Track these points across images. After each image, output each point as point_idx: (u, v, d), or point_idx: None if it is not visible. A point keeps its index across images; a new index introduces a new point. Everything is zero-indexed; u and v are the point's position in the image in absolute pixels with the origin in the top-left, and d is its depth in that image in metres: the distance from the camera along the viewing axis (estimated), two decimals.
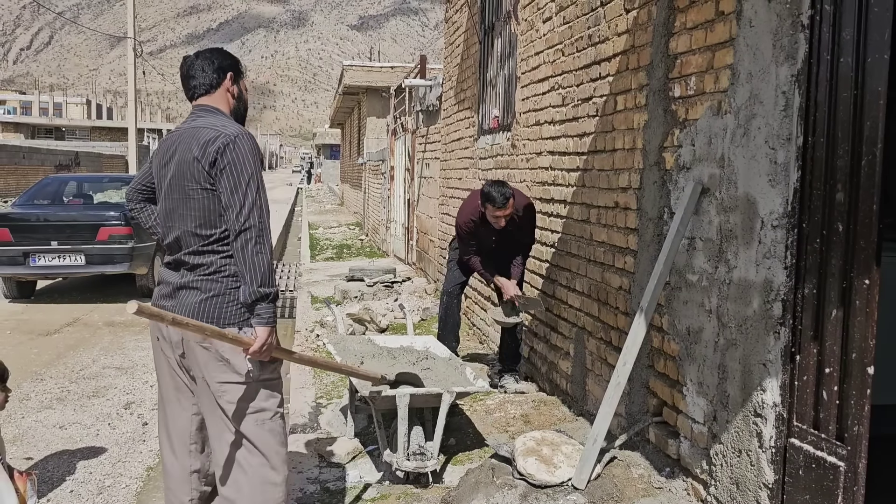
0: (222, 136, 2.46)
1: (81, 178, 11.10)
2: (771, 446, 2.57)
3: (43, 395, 5.45)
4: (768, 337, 2.58)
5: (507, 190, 4.69)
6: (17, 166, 28.12)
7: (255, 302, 2.42)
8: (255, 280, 2.40)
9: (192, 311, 2.47)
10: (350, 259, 13.34)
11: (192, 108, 2.69)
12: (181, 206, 2.53)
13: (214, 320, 2.46)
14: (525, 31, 5.44)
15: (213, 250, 2.50)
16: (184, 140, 2.54)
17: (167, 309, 2.53)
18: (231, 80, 2.69)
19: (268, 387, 2.56)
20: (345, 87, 18.49)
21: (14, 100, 67.21)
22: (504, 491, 3.08)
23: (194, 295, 2.49)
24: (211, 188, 2.47)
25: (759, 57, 2.63)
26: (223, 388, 2.50)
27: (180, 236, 2.55)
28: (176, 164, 2.54)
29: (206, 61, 2.65)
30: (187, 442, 2.71)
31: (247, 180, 2.43)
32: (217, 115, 2.60)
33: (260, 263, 2.41)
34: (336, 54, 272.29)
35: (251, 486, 2.52)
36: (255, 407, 2.53)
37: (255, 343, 2.43)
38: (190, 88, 2.66)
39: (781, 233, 2.52)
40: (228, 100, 2.69)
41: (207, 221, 2.49)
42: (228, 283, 2.49)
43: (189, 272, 2.53)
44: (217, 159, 2.43)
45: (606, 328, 3.97)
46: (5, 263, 8.56)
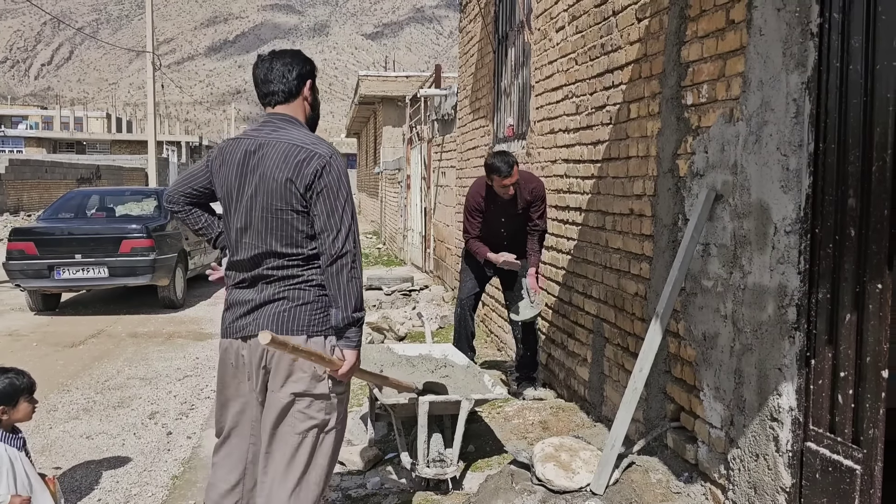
0: (317, 156, 2.41)
1: (104, 192, 11.29)
2: (788, 450, 2.59)
3: (70, 405, 5.56)
4: (783, 341, 2.60)
5: (511, 158, 4.79)
6: (39, 180, 28.59)
7: (347, 326, 2.43)
8: (350, 306, 2.40)
9: (283, 320, 2.44)
10: (368, 268, 13.42)
11: (265, 114, 2.61)
12: (263, 224, 2.46)
13: (306, 327, 2.45)
14: (538, 40, 5.50)
15: (298, 265, 2.47)
16: (269, 155, 2.45)
17: (248, 324, 2.50)
18: (309, 87, 2.61)
19: (336, 401, 2.56)
20: (360, 96, 18.64)
21: (36, 115, 68.27)
22: (523, 496, 3.11)
23: (283, 304, 2.46)
24: (303, 210, 2.42)
25: (770, 65, 2.66)
26: (298, 399, 2.48)
27: (261, 254, 2.48)
28: (261, 180, 2.45)
29: (286, 66, 2.55)
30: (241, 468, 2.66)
31: (343, 204, 2.41)
32: (300, 128, 2.54)
33: (354, 289, 2.41)
34: (351, 64, 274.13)
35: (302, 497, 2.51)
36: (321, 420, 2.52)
37: (344, 366, 2.45)
38: (267, 95, 2.56)
39: (794, 238, 2.55)
40: (305, 108, 2.61)
41: (294, 241, 2.45)
42: (316, 291, 2.47)
43: (275, 285, 2.48)
44: (314, 182, 2.39)
45: (623, 334, 4.00)
46: (31, 277, 8.72)
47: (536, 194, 4.93)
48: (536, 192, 4.93)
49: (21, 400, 2.98)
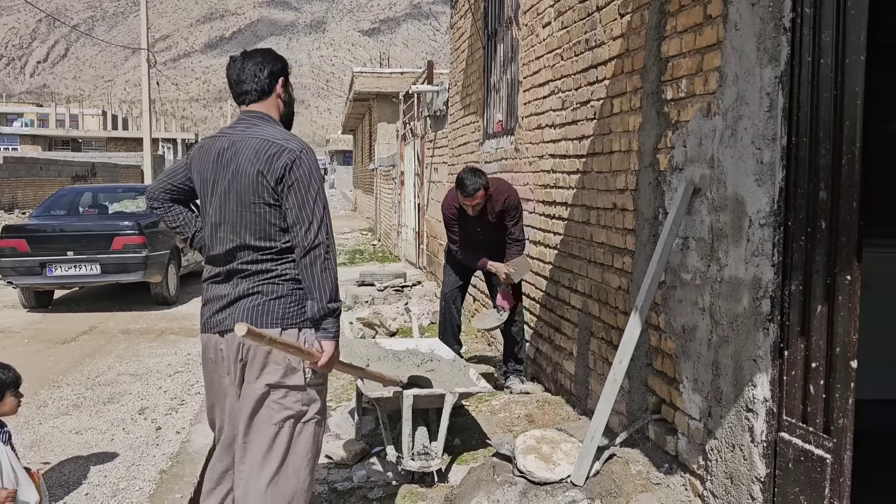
0: (287, 150, 2.45)
1: (96, 189, 11.28)
2: (762, 440, 2.62)
3: (59, 401, 5.58)
4: (758, 333, 2.63)
5: (480, 181, 4.76)
6: (34, 178, 28.56)
7: (323, 317, 2.46)
8: (325, 297, 2.44)
9: (258, 313, 2.48)
10: (362, 264, 13.45)
11: (240, 112, 2.65)
12: (237, 218, 2.51)
13: (279, 320, 2.48)
14: (526, 36, 5.52)
15: (272, 258, 2.51)
16: (242, 151, 2.50)
17: (224, 319, 2.54)
18: (282, 84, 2.65)
19: (315, 392, 2.59)
20: (355, 93, 18.64)
21: (31, 112, 68.06)
22: (504, 488, 3.14)
23: (258, 298, 2.49)
24: (275, 203, 2.46)
25: (745, 59, 2.69)
26: (274, 391, 2.52)
27: (237, 248, 2.53)
28: (234, 176, 2.50)
29: (257, 66, 2.60)
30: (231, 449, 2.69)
31: (314, 197, 2.44)
32: (272, 124, 2.58)
33: (328, 280, 2.44)
34: (348, 60, 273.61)
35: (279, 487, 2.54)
36: (298, 410, 2.55)
37: (323, 357, 2.48)
38: (240, 94, 2.61)
39: (768, 231, 2.58)
40: (279, 105, 2.65)
41: (267, 235, 2.49)
42: (291, 285, 2.50)
43: (248, 279, 2.52)
44: (284, 175, 2.43)
45: (607, 328, 4.03)
46: (23, 274, 8.73)
47: (509, 203, 4.92)
48: (509, 201, 4.92)
49: (7, 394, 3.00)
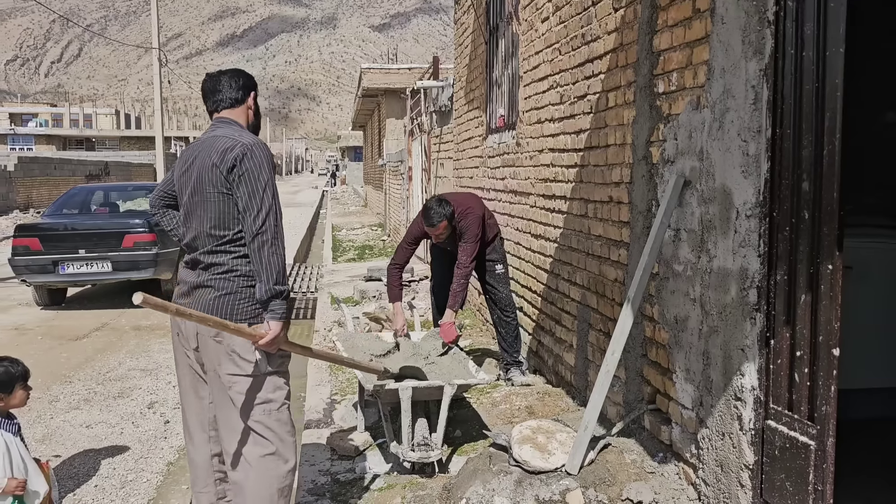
0: (239, 144, 2.66)
1: (107, 188, 11.40)
2: (750, 428, 2.66)
3: (71, 396, 5.69)
4: (745, 323, 2.67)
5: (443, 211, 4.79)
6: (49, 177, 28.85)
7: (270, 299, 2.60)
8: (271, 279, 2.59)
9: (207, 308, 2.66)
10: (372, 259, 13.53)
11: (213, 120, 2.89)
12: (199, 209, 2.73)
13: (227, 316, 2.64)
14: (525, 31, 5.55)
15: (226, 250, 2.69)
16: (204, 148, 2.76)
17: (186, 306, 2.71)
18: (253, 98, 2.94)
19: (275, 378, 2.73)
20: (364, 89, 18.71)
21: (46, 112, 68.70)
22: (500, 477, 3.20)
23: (209, 293, 2.69)
24: (227, 192, 2.66)
25: (731, 52, 2.72)
26: (233, 379, 2.68)
27: (197, 236, 2.76)
28: (196, 170, 2.75)
29: (232, 78, 2.89)
30: (207, 429, 2.88)
31: (263, 187, 2.62)
32: (234, 127, 2.80)
33: (275, 263, 2.60)
34: (359, 56, 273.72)
35: (258, 473, 2.69)
36: (262, 398, 2.70)
37: (268, 335, 2.60)
38: (214, 102, 2.88)
39: (755, 222, 2.61)
40: (249, 115, 2.92)
41: (222, 223, 2.69)
42: (240, 282, 2.68)
43: (204, 271, 2.72)
44: (235, 166, 2.63)
45: (605, 320, 4.07)
46: (36, 272, 8.87)
47: (461, 227, 4.95)
48: (462, 227, 4.95)
49: (16, 387, 3.09)
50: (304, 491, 3.82)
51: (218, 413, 2.77)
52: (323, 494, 3.75)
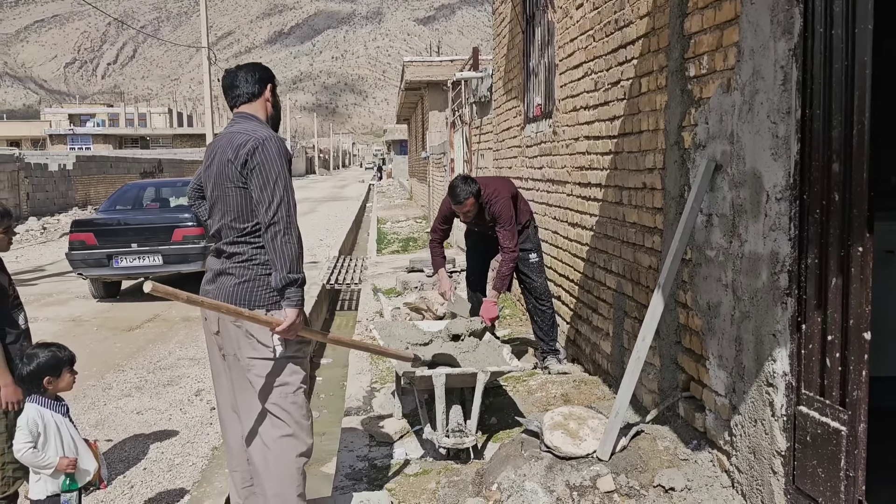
0: (252, 139, 2.73)
1: (158, 184, 11.74)
2: (782, 414, 2.63)
3: (123, 384, 5.91)
4: (776, 308, 2.63)
5: (469, 188, 4.81)
6: (105, 175, 29.78)
7: (285, 287, 2.69)
8: (285, 267, 2.67)
9: (228, 294, 2.77)
10: (415, 251, 13.62)
11: (233, 115, 2.97)
12: (220, 202, 2.84)
13: (247, 302, 2.75)
14: (560, 18, 5.52)
15: (246, 241, 2.79)
16: (222, 144, 2.85)
17: (209, 292, 2.86)
18: (270, 90, 2.98)
19: (292, 363, 2.82)
20: (407, 82, 18.80)
21: (103, 112, 70.87)
22: (531, 463, 3.22)
23: (230, 280, 2.80)
24: (243, 186, 2.74)
25: (760, 33, 2.68)
26: (251, 363, 2.77)
27: (220, 228, 2.86)
28: (216, 166, 2.85)
29: (249, 72, 2.95)
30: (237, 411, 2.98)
31: (274, 179, 2.69)
32: (252, 121, 2.88)
33: (288, 252, 2.68)
34: (404, 50, 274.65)
35: (275, 454, 2.78)
36: (279, 381, 2.78)
37: (284, 322, 2.69)
38: (233, 97, 2.95)
39: (785, 205, 2.57)
40: (267, 108, 2.98)
41: (241, 216, 2.78)
42: (259, 270, 2.78)
43: (227, 260, 2.83)
44: (248, 160, 2.71)
45: (640, 307, 4.04)
46: (91, 266, 9.19)
47: (493, 213, 4.97)
48: (494, 211, 4.96)
49: (64, 371, 3.23)
50: (342, 475, 3.91)
51: (238, 395, 2.86)
52: (360, 479, 3.83)
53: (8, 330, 3.38)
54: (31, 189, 23.68)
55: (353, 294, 10.76)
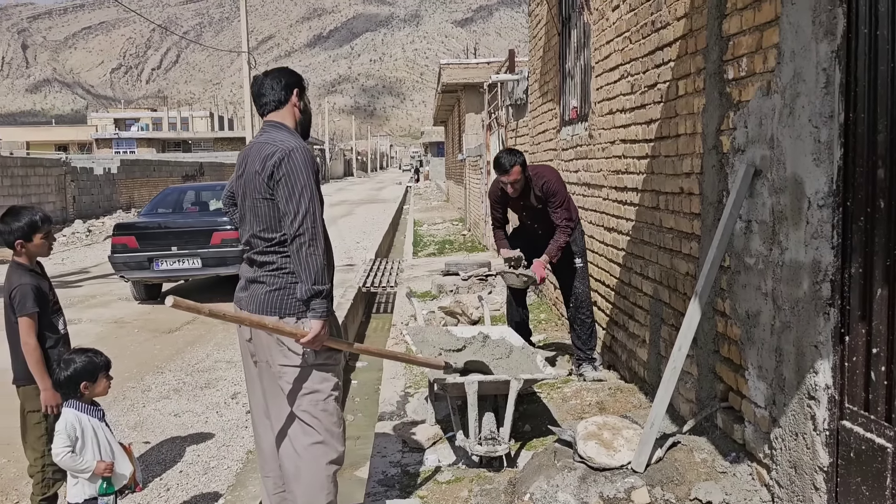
0: (279, 150, 2.73)
1: (198, 187, 11.92)
2: (824, 429, 2.54)
3: (162, 386, 6.00)
4: (818, 318, 2.54)
5: (514, 158, 4.83)
6: (148, 179, 30.43)
7: (311, 298, 2.69)
8: (310, 279, 2.68)
9: (259, 302, 2.78)
10: (451, 254, 13.62)
11: (262, 123, 2.97)
12: (249, 213, 2.85)
13: (277, 310, 2.75)
14: (597, 20, 5.45)
15: (275, 251, 2.80)
16: (251, 154, 2.85)
17: (242, 300, 2.87)
18: (297, 95, 2.96)
19: (323, 370, 2.81)
20: (443, 85, 18.80)
21: (147, 117, 72.44)
22: (564, 473, 3.17)
23: (261, 288, 2.81)
24: (271, 197, 2.75)
25: (801, 34, 2.59)
26: (283, 370, 2.78)
27: (250, 238, 2.87)
28: (245, 177, 2.86)
29: (275, 80, 2.93)
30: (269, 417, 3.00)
31: (300, 190, 2.68)
32: (281, 130, 2.86)
33: (313, 264, 2.67)
34: (442, 52, 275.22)
35: (306, 461, 2.78)
36: (309, 388, 2.79)
37: (309, 334, 2.68)
38: (261, 105, 2.95)
39: (827, 212, 2.48)
40: (295, 114, 2.96)
41: (270, 226, 2.79)
42: (289, 278, 2.78)
43: (258, 268, 2.84)
44: (274, 172, 2.71)
45: (677, 315, 3.96)
46: (133, 268, 9.37)
47: (547, 189, 4.95)
48: (547, 187, 4.94)
49: (100, 376, 3.28)
50: (374, 482, 3.90)
51: (270, 402, 2.88)
52: (392, 486, 3.82)
53: (48, 335, 3.45)
54: (78, 192, 24.30)
55: (388, 297, 10.79)
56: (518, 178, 4.87)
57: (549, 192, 4.96)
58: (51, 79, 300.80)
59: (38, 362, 3.35)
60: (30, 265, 3.49)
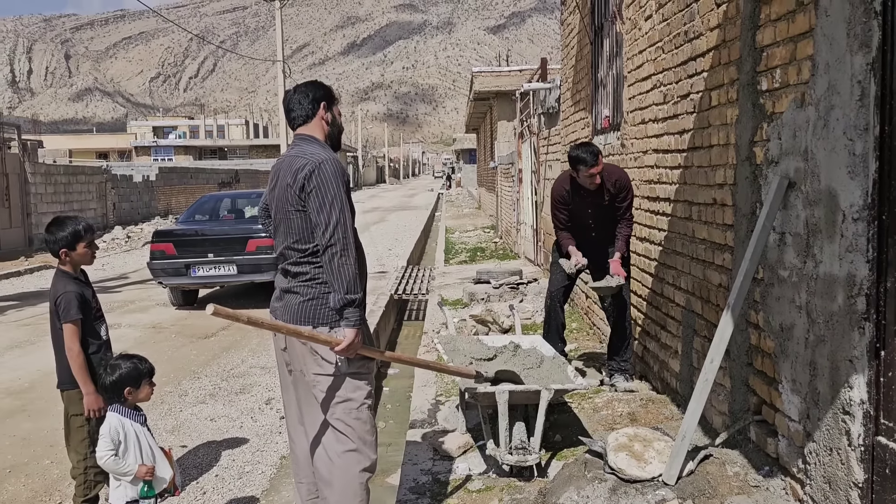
0: (309, 163, 2.80)
1: (234, 195, 12.13)
2: (859, 444, 2.51)
3: (198, 391, 6.12)
4: (853, 332, 2.52)
5: (595, 148, 4.85)
6: (185, 186, 30.99)
7: (343, 307, 2.74)
8: (342, 288, 2.73)
9: (293, 312, 2.84)
10: (482, 262, 13.64)
11: (294, 137, 3.05)
12: (283, 225, 2.92)
13: (311, 320, 2.81)
14: (629, 30, 5.45)
15: (308, 261, 2.86)
16: (283, 168, 2.93)
17: (277, 309, 2.93)
18: (324, 108, 3.02)
19: (356, 378, 2.86)
20: (475, 92, 18.86)
21: (184, 125, 73.82)
22: (594, 484, 3.17)
23: (295, 298, 2.87)
24: (303, 209, 2.81)
25: (836, 46, 2.58)
26: (316, 379, 2.83)
27: (284, 250, 2.94)
28: (278, 189, 2.93)
29: (302, 95, 3.00)
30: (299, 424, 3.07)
31: (331, 201, 2.75)
32: (311, 143, 2.93)
33: (345, 273, 2.73)
34: (474, 59, 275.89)
35: (340, 468, 2.83)
36: (342, 397, 2.84)
37: (343, 343, 2.73)
38: (291, 120, 3.04)
39: (862, 225, 2.46)
40: (323, 126, 3.02)
41: (302, 238, 2.85)
42: (322, 288, 2.84)
43: (292, 279, 2.90)
44: (305, 184, 2.77)
45: (710, 326, 3.93)
46: (171, 274, 9.57)
47: (620, 185, 4.97)
48: (620, 182, 4.96)
49: (143, 383, 3.38)
50: (405, 489, 3.94)
51: (304, 409, 2.93)
52: (423, 493, 3.85)
53: (91, 341, 3.56)
54: (117, 199, 24.85)
55: (420, 304, 10.85)
56: (602, 170, 4.89)
57: (622, 186, 4.97)
58: (92, 88, 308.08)
59: (82, 367, 3.45)
60: (74, 273, 3.61)
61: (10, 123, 20.98)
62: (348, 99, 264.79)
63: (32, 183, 19.37)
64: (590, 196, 4.98)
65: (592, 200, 4.99)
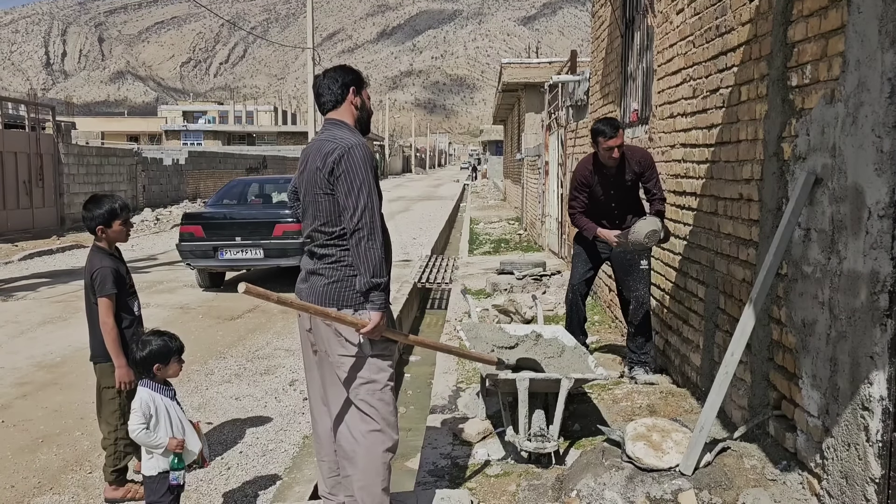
0: (339, 147, 2.85)
1: (262, 180, 12.27)
2: (878, 440, 2.53)
3: (224, 371, 6.24)
4: (875, 329, 2.53)
5: (616, 122, 4.87)
6: (214, 170, 31.33)
7: (369, 290, 2.80)
8: (369, 271, 2.79)
9: (318, 293, 2.91)
10: (506, 253, 13.66)
11: (324, 121, 3.10)
12: (312, 207, 2.98)
13: (336, 302, 2.88)
14: (660, 23, 5.44)
15: (335, 244, 2.92)
16: (312, 151, 2.99)
17: (302, 290, 3.01)
18: (353, 93, 3.06)
19: (379, 359, 2.93)
20: (504, 84, 18.84)
21: (214, 110, 74.50)
22: (611, 472, 3.22)
23: (320, 280, 2.94)
24: (331, 192, 2.87)
25: (867, 43, 2.58)
26: (340, 360, 2.90)
27: (311, 232, 3.01)
28: (307, 173, 2.99)
29: (331, 80, 3.05)
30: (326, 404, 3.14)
31: (359, 185, 2.80)
32: (341, 128, 2.99)
33: (372, 257, 2.79)
34: (503, 51, 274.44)
35: (364, 447, 2.90)
36: (366, 378, 2.90)
37: (369, 325, 2.80)
38: (321, 104, 3.09)
39: (888, 223, 2.47)
40: (352, 111, 3.07)
41: (330, 220, 2.91)
42: (347, 271, 2.90)
43: (318, 261, 2.97)
44: (334, 168, 2.83)
45: (732, 321, 3.94)
46: (199, 257, 9.73)
47: (644, 163, 5.00)
48: (644, 161, 5.00)
49: (172, 360, 3.47)
50: (425, 472, 4.01)
51: (328, 390, 3.01)
52: (442, 476, 3.92)
53: (124, 316, 3.67)
54: (148, 182, 25.23)
55: (443, 293, 10.92)
56: (623, 143, 4.90)
57: (646, 164, 4.99)
58: (125, 71, 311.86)
59: (115, 341, 3.56)
60: (109, 250, 3.72)
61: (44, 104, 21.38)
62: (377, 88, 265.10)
63: (65, 164, 19.75)
64: (612, 176, 4.99)
65: (615, 180, 5.00)
